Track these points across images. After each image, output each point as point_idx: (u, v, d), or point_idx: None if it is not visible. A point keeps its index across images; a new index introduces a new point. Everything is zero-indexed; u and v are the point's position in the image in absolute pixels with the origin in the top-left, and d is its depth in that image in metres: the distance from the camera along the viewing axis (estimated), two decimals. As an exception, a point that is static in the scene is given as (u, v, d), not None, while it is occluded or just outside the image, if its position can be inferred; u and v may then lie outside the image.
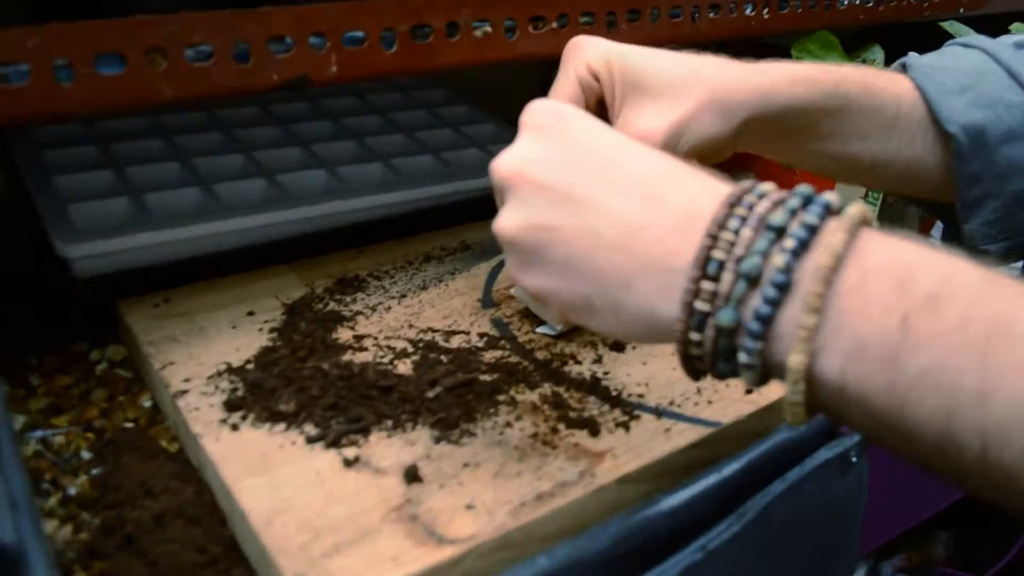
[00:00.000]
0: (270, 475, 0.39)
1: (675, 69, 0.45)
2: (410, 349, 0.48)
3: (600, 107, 0.46)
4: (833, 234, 0.28)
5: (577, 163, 0.34)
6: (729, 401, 0.46)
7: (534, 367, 0.48)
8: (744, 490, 0.43)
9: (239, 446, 0.41)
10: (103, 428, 0.46)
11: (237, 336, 0.48)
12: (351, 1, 0.47)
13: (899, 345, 0.26)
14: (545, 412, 0.44)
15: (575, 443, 0.42)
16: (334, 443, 0.41)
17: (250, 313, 0.50)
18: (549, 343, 0.50)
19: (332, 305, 0.52)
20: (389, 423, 0.43)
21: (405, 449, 0.41)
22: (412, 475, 0.39)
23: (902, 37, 0.87)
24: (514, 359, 0.48)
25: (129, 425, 0.46)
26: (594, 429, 0.43)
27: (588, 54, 0.45)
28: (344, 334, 0.49)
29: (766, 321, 0.28)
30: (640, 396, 0.46)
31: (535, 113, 0.36)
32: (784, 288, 0.28)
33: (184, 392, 0.44)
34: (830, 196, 0.30)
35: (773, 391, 0.48)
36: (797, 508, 0.45)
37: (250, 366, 0.46)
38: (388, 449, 0.41)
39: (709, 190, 0.32)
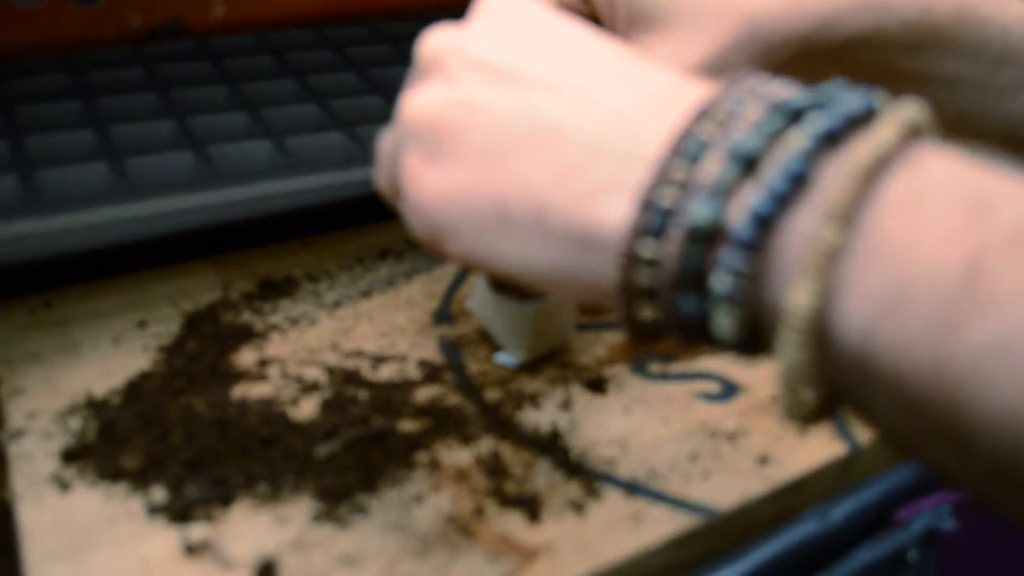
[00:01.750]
0: (83, 562, 0.30)
1: None
2: (323, 381, 0.38)
3: None
4: (878, 129, 0.18)
5: (531, 42, 0.25)
6: (735, 474, 0.34)
7: (478, 412, 0.36)
8: (740, 609, 0.31)
9: (61, 515, 0.31)
10: (-56, 466, 0.37)
11: (115, 355, 0.39)
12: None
13: (961, 298, 0.16)
14: (473, 482, 0.33)
15: (503, 532, 0.31)
16: (181, 516, 0.31)
17: (141, 324, 0.41)
18: (506, 377, 0.38)
19: (246, 315, 0.41)
20: (263, 489, 0.32)
21: (272, 530, 0.31)
22: (266, 574, 0.29)
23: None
24: (454, 399, 0.37)
25: (-26, 464, 0.37)
26: (534, 510, 0.32)
27: None
28: (246, 357, 0.39)
29: (764, 224, 0.18)
30: (610, 461, 0.34)
31: (489, 1, 0.27)
32: (798, 181, 0.18)
33: (21, 433, 0.35)
34: (877, 93, 0.20)
35: (799, 460, 0.35)
36: (821, 630, 0.33)
37: (115, 399, 0.36)
38: (250, 529, 0.31)
39: (695, 81, 0.23)
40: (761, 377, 0.39)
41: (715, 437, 0.36)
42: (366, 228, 0.49)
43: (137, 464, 0.33)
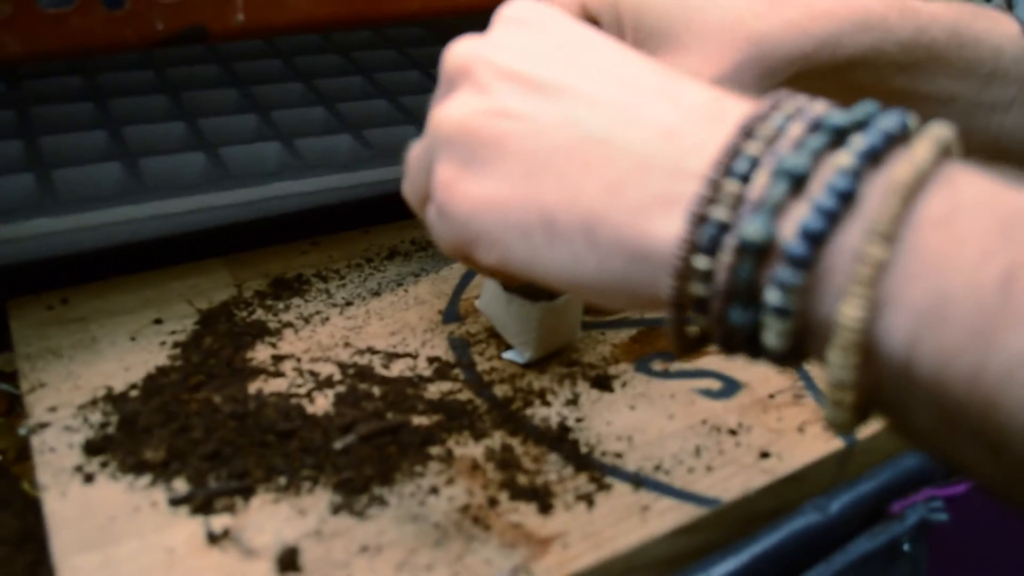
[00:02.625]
0: (110, 551, 0.30)
1: (709, 13, 0.33)
2: (337, 376, 0.39)
3: None
4: (915, 148, 0.20)
5: (562, 54, 0.26)
6: (737, 468, 0.35)
7: (487, 407, 0.37)
8: (743, 597, 0.32)
9: (86, 506, 0.32)
10: (-36, 460, 0.38)
11: (133, 351, 0.40)
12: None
13: (998, 309, 0.18)
14: (487, 474, 0.34)
15: (516, 523, 0.32)
16: (203, 508, 0.32)
17: (157, 321, 0.41)
18: (515, 373, 0.40)
19: (259, 313, 0.42)
20: (282, 481, 0.33)
21: (292, 520, 0.32)
22: (287, 562, 0.30)
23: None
24: (464, 395, 0.38)
25: (-5, 457, 0.38)
26: (545, 503, 0.33)
27: None
28: (261, 353, 0.40)
29: (815, 240, 0.19)
30: (618, 456, 0.35)
31: (514, 6, 0.28)
32: (846, 199, 0.19)
33: (44, 426, 0.36)
34: (910, 114, 0.21)
35: (798, 455, 0.36)
36: (820, 618, 0.34)
37: (134, 393, 0.37)
38: (270, 519, 0.32)
39: (732, 96, 0.24)
40: (760, 376, 0.40)
41: (718, 432, 0.37)
42: (374, 228, 0.50)
43: (159, 457, 0.34)
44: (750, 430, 0.37)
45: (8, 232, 0.42)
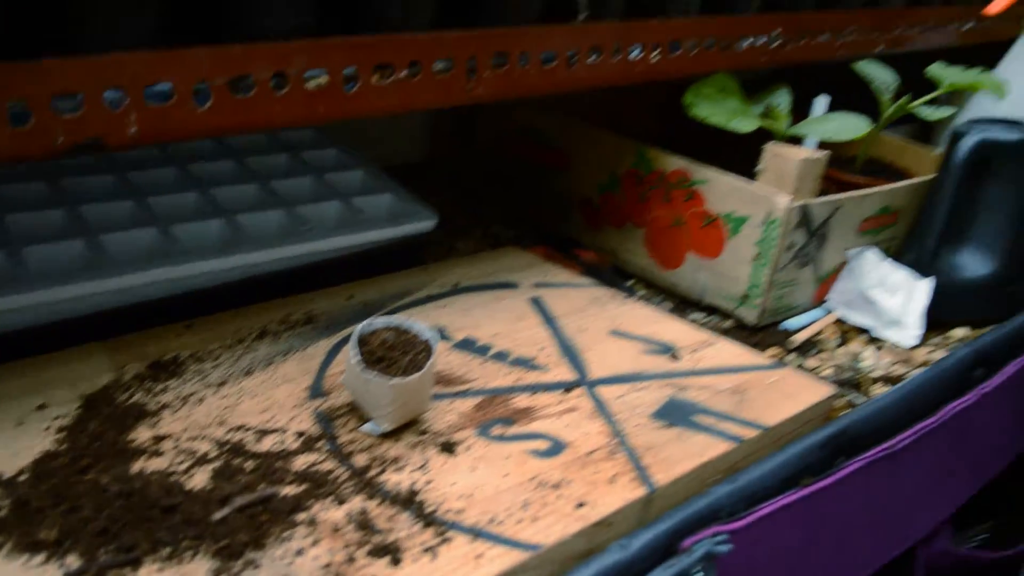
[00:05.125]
0: (9, 624, 0.35)
1: None
2: (213, 453, 0.44)
3: None
4: None
5: None
6: (557, 517, 0.42)
7: (348, 475, 0.43)
8: (560, 626, 0.40)
9: (-16, 585, 0.36)
10: None
11: (20, 437, 0.43)
12: (156, 50, 0.42)
13: None
14: (346, 536, 0.40)
15: (371, 575, 0.38)
16: (94, 580, 0.37)
17: (41, 407, 0.45)
18: (373, 443, 0.46)
19: (139, 396, 0.47)
20: (166, 551, 0.38)
21: (176, 587, 0.37)
22: (173, 624, 0.35)
23: (812, 78, 0.83)
24: (328, 465, 0.44)
25: None
26: (396, 557, 0.39)
27: None
28: (143, 434, 0.44)
29: None
30: (459, 512, 0.42)
31: None
32: None
33: (-62, 512, 0.39)
34: None
35: (608, 503, 0.44)
36: (624, 638, 0.41)
37: (23, 477, 0.41)
38: (156, 587, 0.37)
39: None
40: (582, 435, 0.48)
41: (543, 487, 0.44)
42: (247, 308, 0.55)
43: (52, 535, 0.38)
44: (571, 483, 0.45)
45: None
